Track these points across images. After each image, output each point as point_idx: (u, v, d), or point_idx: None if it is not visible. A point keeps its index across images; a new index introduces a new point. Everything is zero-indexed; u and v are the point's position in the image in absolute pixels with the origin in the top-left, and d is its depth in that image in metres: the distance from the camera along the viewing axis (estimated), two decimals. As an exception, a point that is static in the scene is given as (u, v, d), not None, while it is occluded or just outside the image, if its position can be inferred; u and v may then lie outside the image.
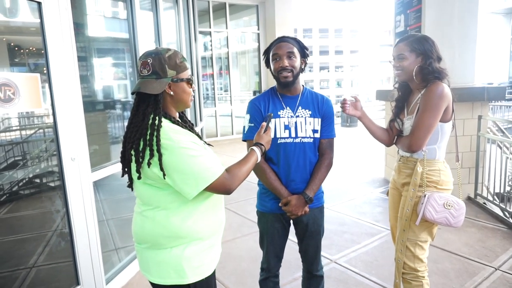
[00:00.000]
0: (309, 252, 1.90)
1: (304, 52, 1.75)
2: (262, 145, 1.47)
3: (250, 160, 1.37)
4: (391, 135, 1.95)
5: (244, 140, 1.80)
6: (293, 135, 1.74)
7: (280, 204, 1.76)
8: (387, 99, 4.89)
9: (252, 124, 1.76)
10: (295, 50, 1.70)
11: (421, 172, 1.77)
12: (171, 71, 1.26)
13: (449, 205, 1.71)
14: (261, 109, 1.77)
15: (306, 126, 1.75)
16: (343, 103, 1.88)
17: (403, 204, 1.84)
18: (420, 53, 1.75)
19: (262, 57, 1.85)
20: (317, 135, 1.78)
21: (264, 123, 1.54)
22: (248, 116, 1.79)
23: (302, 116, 1.76)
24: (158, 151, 1.18)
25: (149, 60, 1.24)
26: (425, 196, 1.74)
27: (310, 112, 1.77)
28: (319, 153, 1.81)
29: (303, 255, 1.94)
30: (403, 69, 1.78)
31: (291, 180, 1.77)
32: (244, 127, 1.80)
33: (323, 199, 1.90)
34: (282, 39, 1.72)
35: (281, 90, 1.79)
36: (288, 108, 1.77)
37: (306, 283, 2.00)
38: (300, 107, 1.77)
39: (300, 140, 1.75)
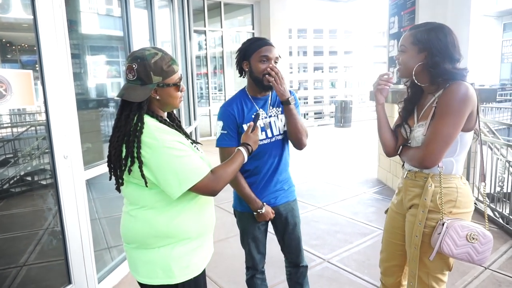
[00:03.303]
0: (292, 245, 1.92)
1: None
2: (249, 145, 1.43)
3: (236, 161, 1.35)
4: (396, 144, 1.61)
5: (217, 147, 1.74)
6: (269, 135, 1.74)
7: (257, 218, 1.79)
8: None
9: (225, 132, 1.69)
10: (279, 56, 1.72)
11: (433, 191, 1.42)
12: (157, 77, 1.22)
13: (473, 238, 1.35)
14: (235, 114, 1.70)
15: (278, 123, 1.76)
16: (388, 80, 1.54)
17: (411, 230, 1.48)
18: (423, 48, 1.40)
19: (235, 53, 1.76)
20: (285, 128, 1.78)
21: (252, 123, 1.50)
22: (221, 123, 1.71)
23: (274, 115, 1.77)
24: (138, 158, 1.17)
25: (134, 66, 1.20)
26: (443, 224, 1.37)
27: (280, 109, 1.77)
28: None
29: (287, 250, 1.95)
30: (401, 65, 1.48)
31: (275, 180, 1.79)
32: (217, 133, 1.74)
33: (295, 193, 1.93)
34: (269, 43, 1.69)
35: (255, 93, 1.75)
36: (261, 110, 1.75)
37: (294, 276, 2.00)
38: (271, 107, 1.77)
39: (275, 139, 1.76)
